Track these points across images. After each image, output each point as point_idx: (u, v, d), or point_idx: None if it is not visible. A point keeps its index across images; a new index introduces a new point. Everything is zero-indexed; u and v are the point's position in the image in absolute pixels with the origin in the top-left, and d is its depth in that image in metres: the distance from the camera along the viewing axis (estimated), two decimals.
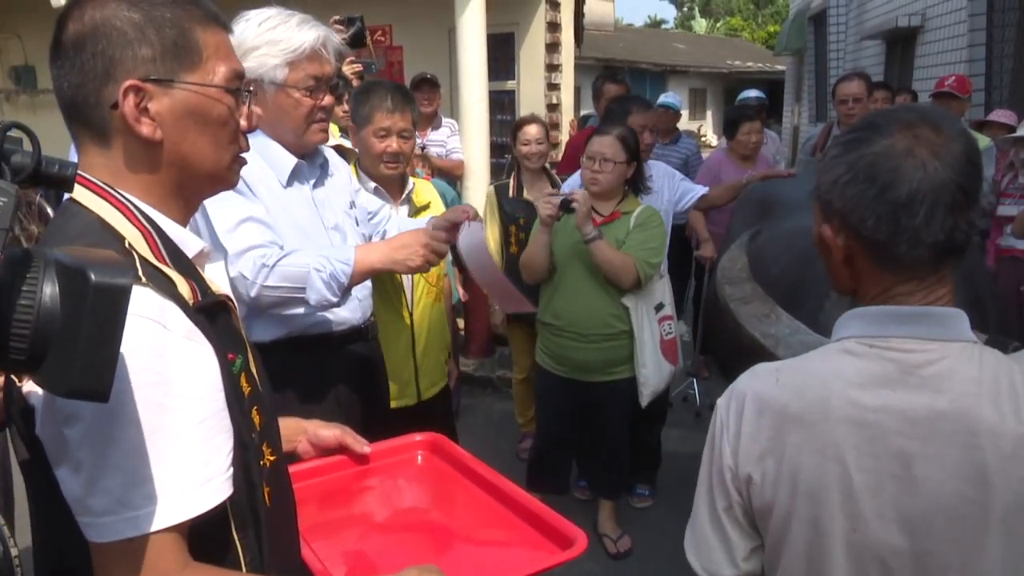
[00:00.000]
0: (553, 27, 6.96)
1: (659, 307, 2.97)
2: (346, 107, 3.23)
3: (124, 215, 0.91)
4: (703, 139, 21.75)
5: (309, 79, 1.82)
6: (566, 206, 2.76)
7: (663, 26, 39.98)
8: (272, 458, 1.04)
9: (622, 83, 4.77)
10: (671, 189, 3.50)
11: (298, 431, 1.47)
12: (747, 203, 3.39)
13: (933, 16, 7.81)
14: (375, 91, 2.43)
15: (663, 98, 5.68)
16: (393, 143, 2.40)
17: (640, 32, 30.87)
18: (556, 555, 1.23)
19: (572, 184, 3.44)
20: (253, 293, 1.77)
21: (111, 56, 0.91)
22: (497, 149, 6.28)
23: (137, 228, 0.91)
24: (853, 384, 0.95)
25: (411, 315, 2.57)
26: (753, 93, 6.91)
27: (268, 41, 1.77)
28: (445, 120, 5.14)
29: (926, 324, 0.94)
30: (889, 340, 0.95)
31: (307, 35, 1.79)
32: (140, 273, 0.85)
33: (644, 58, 22.25)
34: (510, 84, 7.21)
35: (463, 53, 5.09)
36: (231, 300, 1.02)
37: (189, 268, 0.96)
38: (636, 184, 3.03)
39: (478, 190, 4.97)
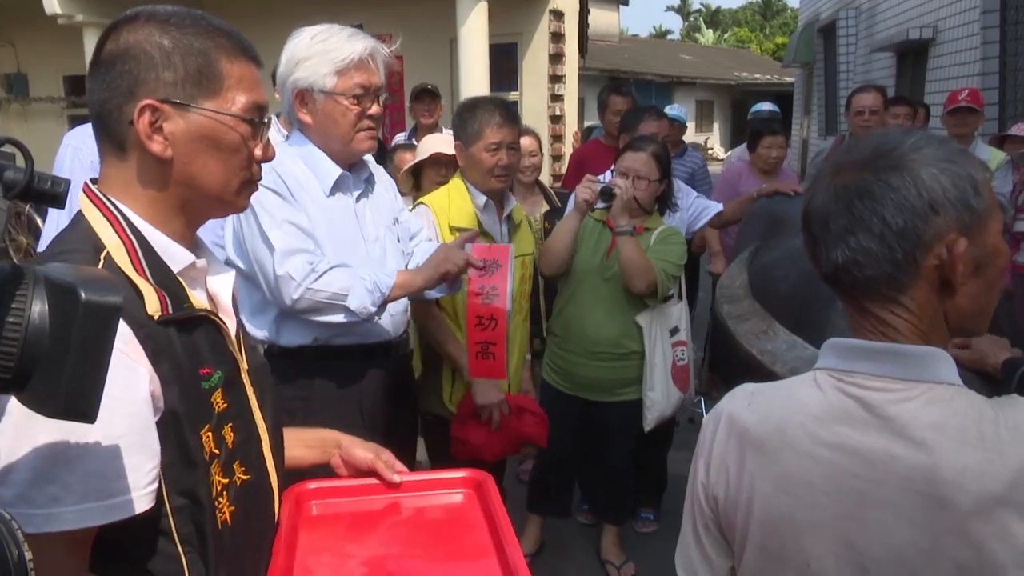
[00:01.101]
0: (557, 37, 6.90)
1: (674, 331, 2.89)
2: None
3: (112, 225, 0.97)
4: (710, 152, 21.73)
5: (357, 87, 1.90)
6: (607, 193, 2.68)
7: (668, 37, 40.16)
8: (245, 477, 1.05)
9: (628, 95, 4.68)
10: (683, 207, 3.40)
11: (333, 444, 1.43)
12: (756, 218, 3.29)
13: (945, 28, 7.72)
14: (482, 107, 2.51)
15: (668, 110, 5.55)
16: (504, 156, 2.48)
17: (646, 43, 31.00)
18: None
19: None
20: (296, 295, 1.82)
21: (136, 76, 0.98)
22: None
23: (121, 238, 0.96)
24: (813, 418, 0.94)
25: None
26: (767, 106, 6.72)
27: (319, 52, 1.87)
28: (446, 131, 5.05)
29: (894, 362, 0.90)
30: (855, 376, 0.92)
31: (356, 45, 1.88)
32: None
33: (650, 69, 22.29)
34: (512, 95, 7.14)
35: (465, 63, 5.03)
36: (216, 315, 1.04)
37: (170, 281, 0.99)
38: (665, 201, 2.95)
39: None
